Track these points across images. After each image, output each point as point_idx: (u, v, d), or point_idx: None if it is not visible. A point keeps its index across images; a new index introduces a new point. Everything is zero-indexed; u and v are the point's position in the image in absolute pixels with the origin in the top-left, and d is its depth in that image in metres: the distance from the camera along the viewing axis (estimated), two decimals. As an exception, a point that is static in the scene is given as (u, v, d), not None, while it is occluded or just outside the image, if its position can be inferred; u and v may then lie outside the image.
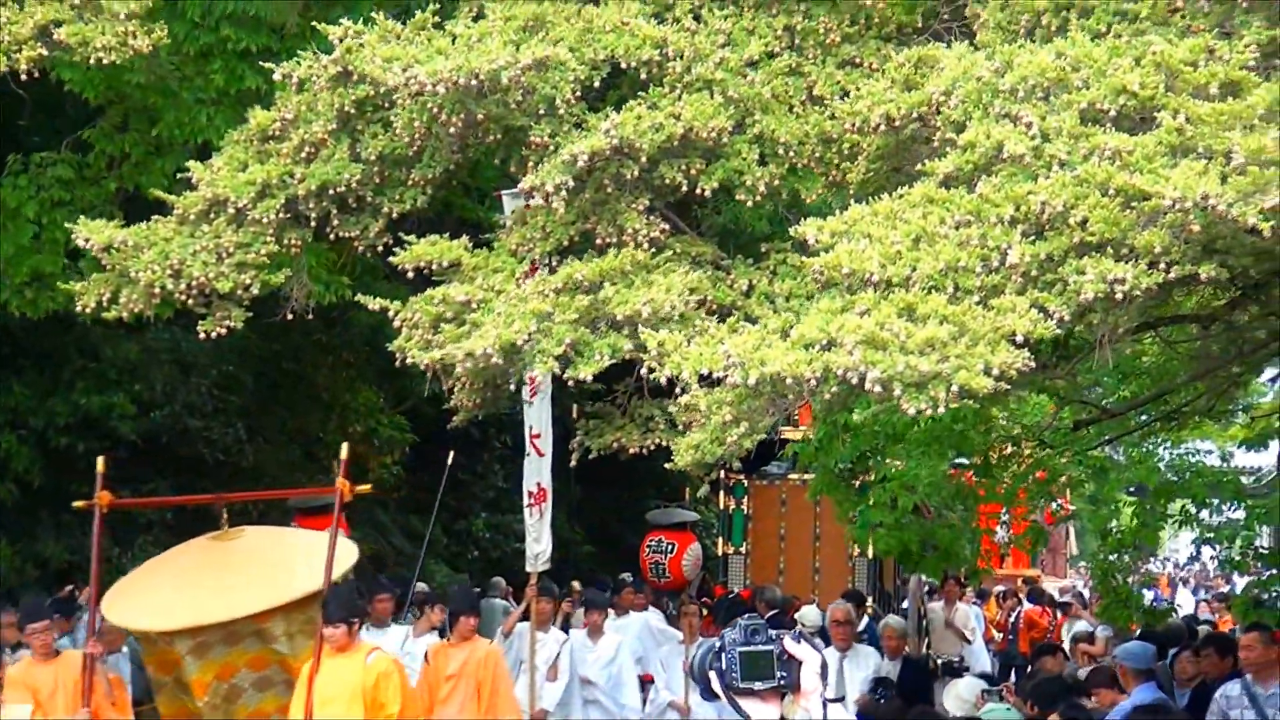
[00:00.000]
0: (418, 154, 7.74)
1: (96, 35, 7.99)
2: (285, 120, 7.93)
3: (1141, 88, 6.02)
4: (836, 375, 5.42)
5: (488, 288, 7.21)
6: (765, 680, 3.57)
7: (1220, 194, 5.34)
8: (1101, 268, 5.52)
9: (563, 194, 6.93)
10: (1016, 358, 5.43)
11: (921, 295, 5.68)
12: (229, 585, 9.84)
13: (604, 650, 13.99)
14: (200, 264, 7.62)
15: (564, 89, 7.17)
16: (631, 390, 8.09)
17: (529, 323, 6.73)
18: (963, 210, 6.00)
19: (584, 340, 6.79)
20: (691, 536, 14.05)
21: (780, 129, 7.24)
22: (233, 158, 8.05)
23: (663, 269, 7.05)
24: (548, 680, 13.34)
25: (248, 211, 7.70)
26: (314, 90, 7.73)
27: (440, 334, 7.17)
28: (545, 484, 13.03)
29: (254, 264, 7.71)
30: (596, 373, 6.75)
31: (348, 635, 9.45)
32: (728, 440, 6.17)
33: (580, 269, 6.99)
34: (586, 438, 8.35)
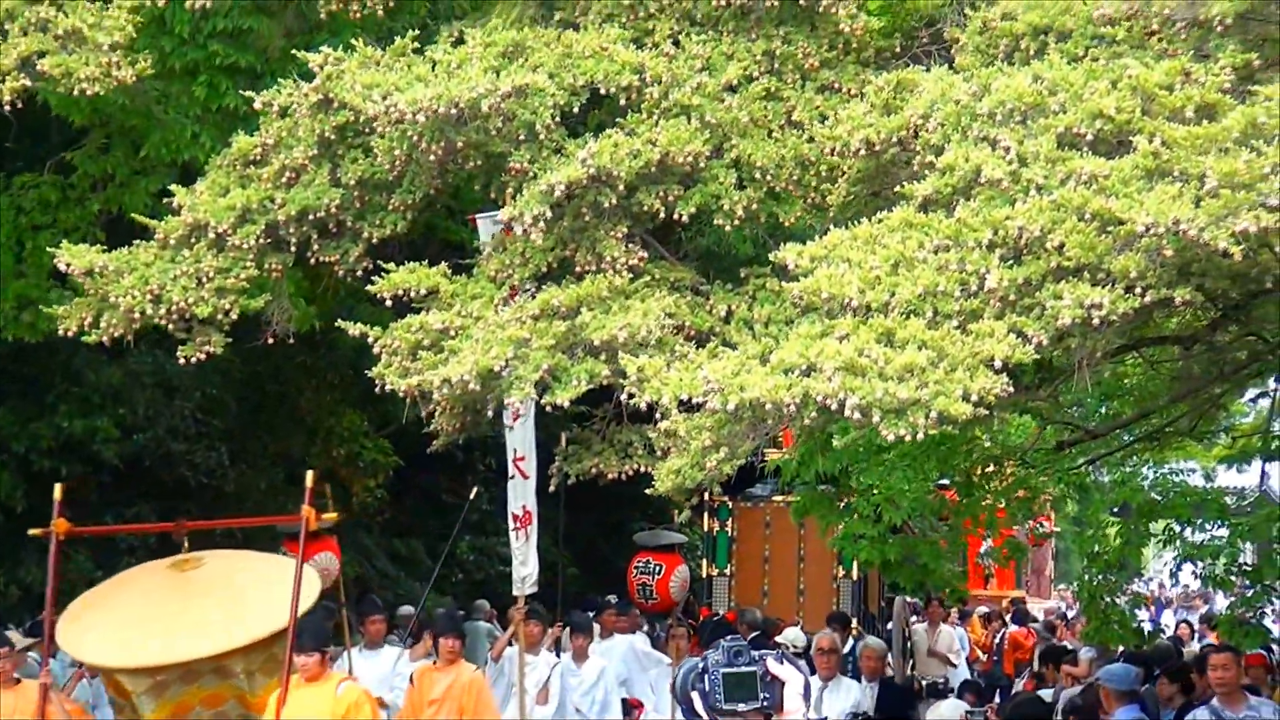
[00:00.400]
0: (398, 179, 7.76)
1: (80, 66, 7.96)
2: (266, 145, 7.95)
3: (1118, 112, 6.05)
4: (816, 401, 5.43)
5: (466, 314, 7.23)
6: (748, 701, 3.57)
7: (1193, 218, 5.37)
8: (1079, 293, 5.54)
9: (540, 225, 6.94)
10: (995, 383, 5.44)
11: (900, 320, 5.69)
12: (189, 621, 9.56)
13: (588, 675, 13.90)
14: (180, 289, 7.63)
15: (543, 115, 7.18)
16: (611, 416, 8.09)
17: (506, 349, 6.74)
18: (941, 235, 6.02)
19: (561, 366, 6.79)
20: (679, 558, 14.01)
21: (758, 153, 7.26)
22: (215, 182, 8.06)
23: (640, 294, 7.06)
24: (538, 704, 13.22)
25: (228, 237, 7.71)
26: (295, 117, 7.75)
27: (419, 360, 7.17)
28: (530, 507, 12.94)
29: (234, 289, 7.73)
30: (575, 398, 6.75)
31: (319, 665, 9.33)
32: (708, 465, 6.17)
33: (557, 295, 7.00)
34: (565, 463, 8.35)
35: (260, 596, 9.78)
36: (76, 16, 8.04)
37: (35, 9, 8.07)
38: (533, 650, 13.30)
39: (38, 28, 8.05)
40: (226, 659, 9.31)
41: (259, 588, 9.97)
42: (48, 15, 8.06)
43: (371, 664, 13.47)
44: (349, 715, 9.35)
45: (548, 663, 13.50)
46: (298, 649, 9.13)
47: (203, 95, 10.99)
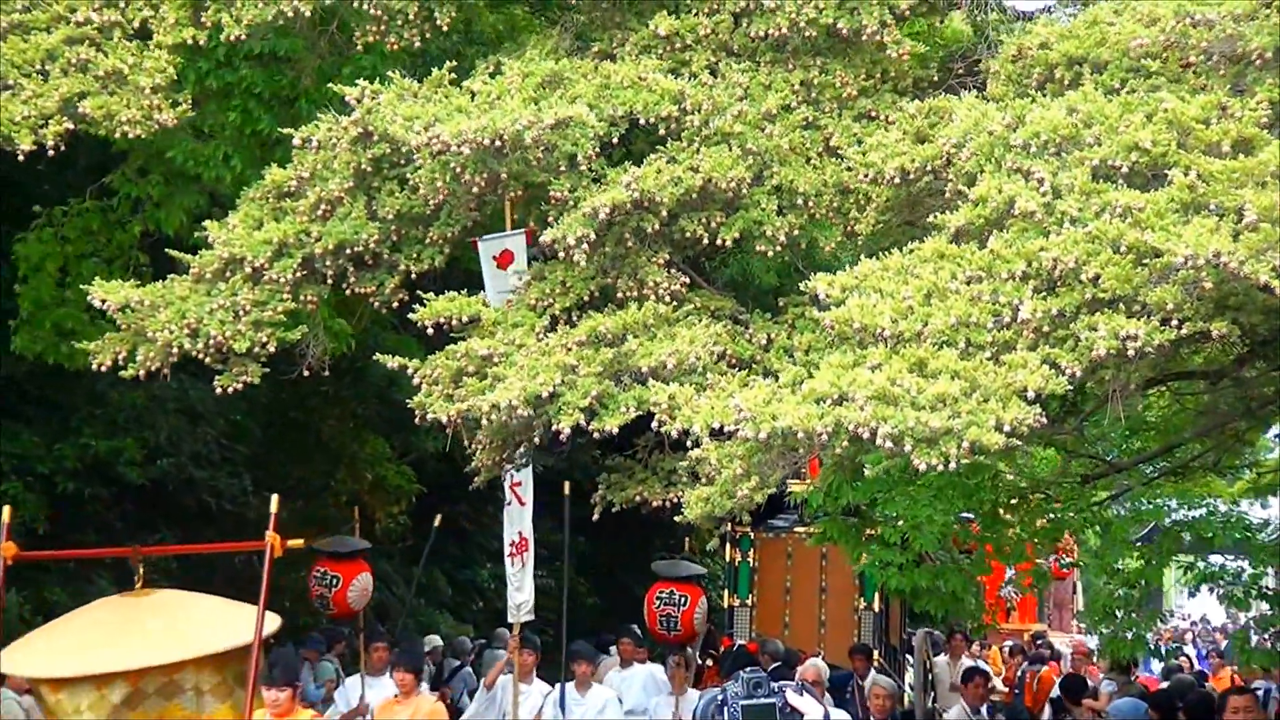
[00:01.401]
0: (435, 211, 7.76)
1: (121, 109, 7.99)
2: (301, 178, 7.96)
3: (1153, 144, 6.03)
4: (848, 430, 5.41)
5: (509, 342, 7.21)
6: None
7: (1232, 251, 5.35)
8: (1114, 324, 5.52)
9: (584, 247, 6.93)
10: (1028, 414, 5.42)
11: (932, 351, 5.68)
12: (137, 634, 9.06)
13: (593, 703, 13.65)
14: (217, 323, 7.65)
15: (584, 145, 7.18)
16: (652, 444, 8.08)
17: (554, 375, 6.74)
18: (974, 266, 6.00)
19: (608, 393, 6.79)
20: (700, 589, 13.91)
21: (799, 180, 7.28)
22: (248, 215, 8.07)
23: (684, 322, 7.06)
24: None
25: (264, 270, 7.71)
26: (333, 149, 7.77)
27: (462, 388, 7.16)
28: (526, 533, 12.94)
29: (270, 322, 7.74)
30: (621, 425, 6.74)
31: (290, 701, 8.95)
32: (738, 494, 6.16)
33: (604, 322, 7.01)
34: (609, 491, 8.33)
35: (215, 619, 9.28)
36: (116, 57, 8.08)
37: (76, 49, 8.07)
38: (525, 680, 13.20)
39: (78, 68, 8.05)
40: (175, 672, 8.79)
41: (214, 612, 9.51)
42: (88, 56, 8.07)
43: (375, 691, 13.26)
44: None
45: (541, 692, 13.37)
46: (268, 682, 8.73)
47: (238, 121, 11.03)
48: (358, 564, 13.50)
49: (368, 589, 13.40)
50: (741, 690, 3.64)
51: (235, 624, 9.03)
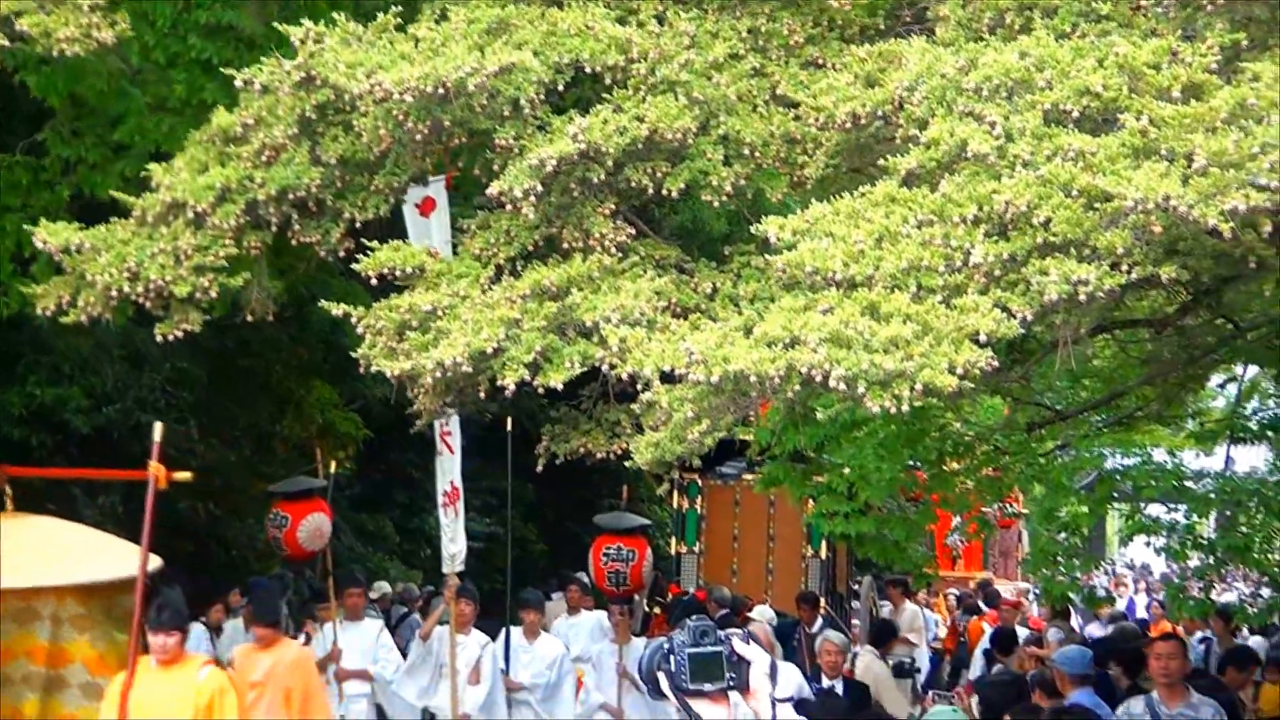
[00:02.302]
0: (381, 159, 7.68)
1: (59, 26, 7.88)
2: (246, 123, 7.85)
3: (1105, 89, 6.03)
4: (800, 373, 5.40)
5: (453, 294, 7.14)
6: (714, 682, 3.55)
7: (1182, 195, 5.36)
8: (1065, 268, 5.52)
9: (531, 199, 6.87)
10: (980, 357, 5.43)
11: (884, 294, 5.67)
12: None
13: (542, 652, 13.61)
14: (158, 267, 7.51)
15: (528, 91, 7.11)
16: (597, 395, 8.05)
17: (498, 330, 6.67)
18: (925, 209, 5.99)
19: (553, 347, 6.74)
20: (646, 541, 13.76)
21: (745, 130, 7.22)
22: (193, 159, 7.94)
23: (629, 274, 7.02)
24: (469, 684, 12.98)
25: (207, 215, 7.61)
26: (276, 94, 7.67)
27: (406, 341, 7.10)
28: (458, 482, 12.83)
29: (212, 267, 7.60)
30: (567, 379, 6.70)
31: (178, 647, 8.54)
32: (689, 437, 6.15)
33: (548, 275, 6.93)
34: (553, 442, 8.30)
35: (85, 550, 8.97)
36: (54, -26, 7.97)
37: (12, -32, 7.98)
38: (463, 630, 13.08)
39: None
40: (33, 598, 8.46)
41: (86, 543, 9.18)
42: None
43: (353, 636, 13.35)
44: (214, 704, 8.54)
45: (479, 643, 13.25)
46: (154, 626, 8.38)
47: (182, 92, 10.95)
48: (311, 504, 13.21)
49: (321, 529, 13.08)
50: (688, 638, 3.63)
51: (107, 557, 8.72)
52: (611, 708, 13.43)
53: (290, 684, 10.82)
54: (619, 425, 7.90)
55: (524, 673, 13.36)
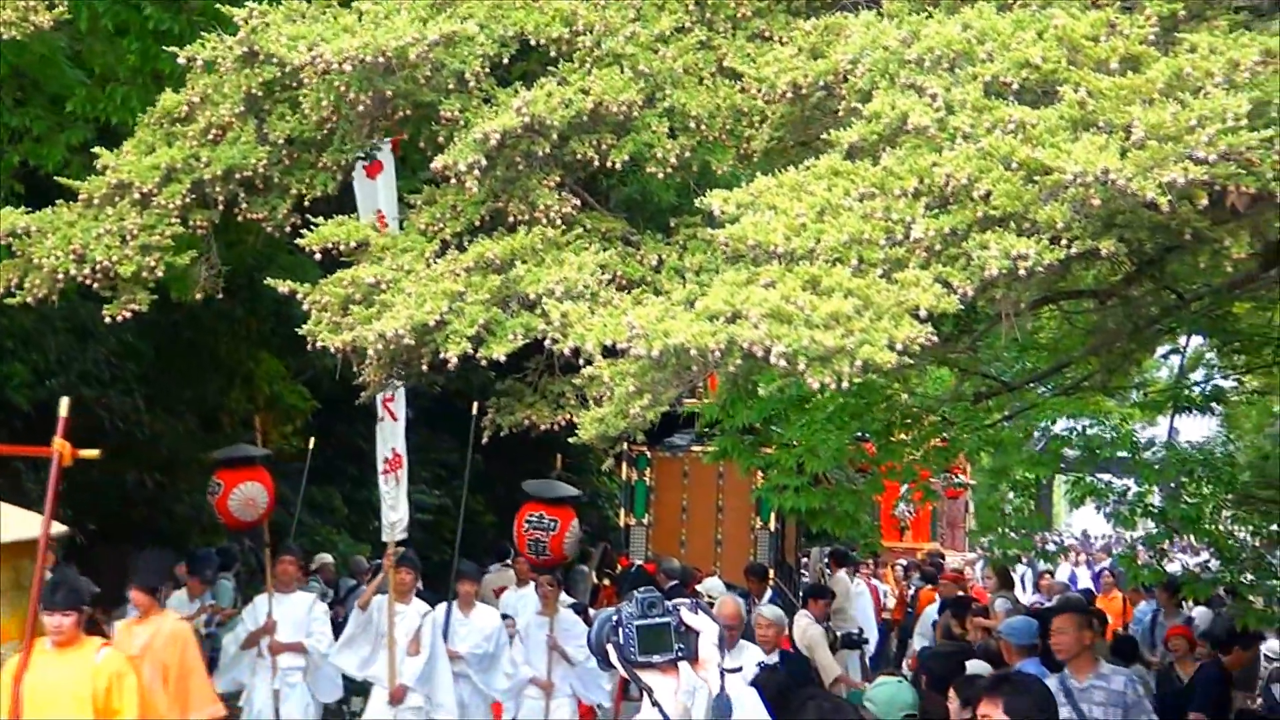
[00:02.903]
0: (327, 136, 7.64)
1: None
2: (193, 103, 7.80)
3: (1044, 61, 6.02)
4: (741, 348, 5.39)
5: (397, 268, 7.11)
6: (663, 653, 3.54)
7: (1121, 169, 5.36)
8: (1005, 243, 5.52)
9: (476, 173, 6.83)
10: (920, 332, 5.42)
11: (826, 268, 5.66)
12: None
13: (479, 624, 13.55)
14: (103, 248, 7.46)
15: (472, 63, 7.08)
16: (542, 368, 8.04)
17: (441, 303, 6.64)
18: (867, 182, 5.98)
19: (496, 320, 6.71)
20: (572, 512, 13.60)
21: (691, 103, 7.20)
22: (141, 141, 7.91)
23: (574, 246, 6.99)
24: (409, 654, 12.91)
25: (153, 196, 7.55)
26: (221, 72, 7.61)
27: (350, 315, 7.07)
28: (400, 450, 12.80)
29: (159, 246, 7.56)
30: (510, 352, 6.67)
31: (74, 628, 8.39)
32: (631, 412, 6.14)
33: (491, 247, 6.91)
34: (498, 415, 8.29)
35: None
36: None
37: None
38: (403, 600, 13.00)
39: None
40: None
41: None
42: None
43: (285, 608, 13.24)
44: (112, 688, 8.36)
45: (419, 612, 13.18)
46: (49, 606, 8.21)
47: (135, 61, 10.86)
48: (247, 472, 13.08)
49: (255, 499, 12.96)
50: (636, 610, 3.63)
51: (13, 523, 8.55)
52: (541, 680, 13.37)
53: (167, 658, 10.64)
54: (563, 397, 7.90)
55: (461, 644, 13.29)
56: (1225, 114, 5.39)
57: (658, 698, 3.51)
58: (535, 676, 13.41)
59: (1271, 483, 16.33)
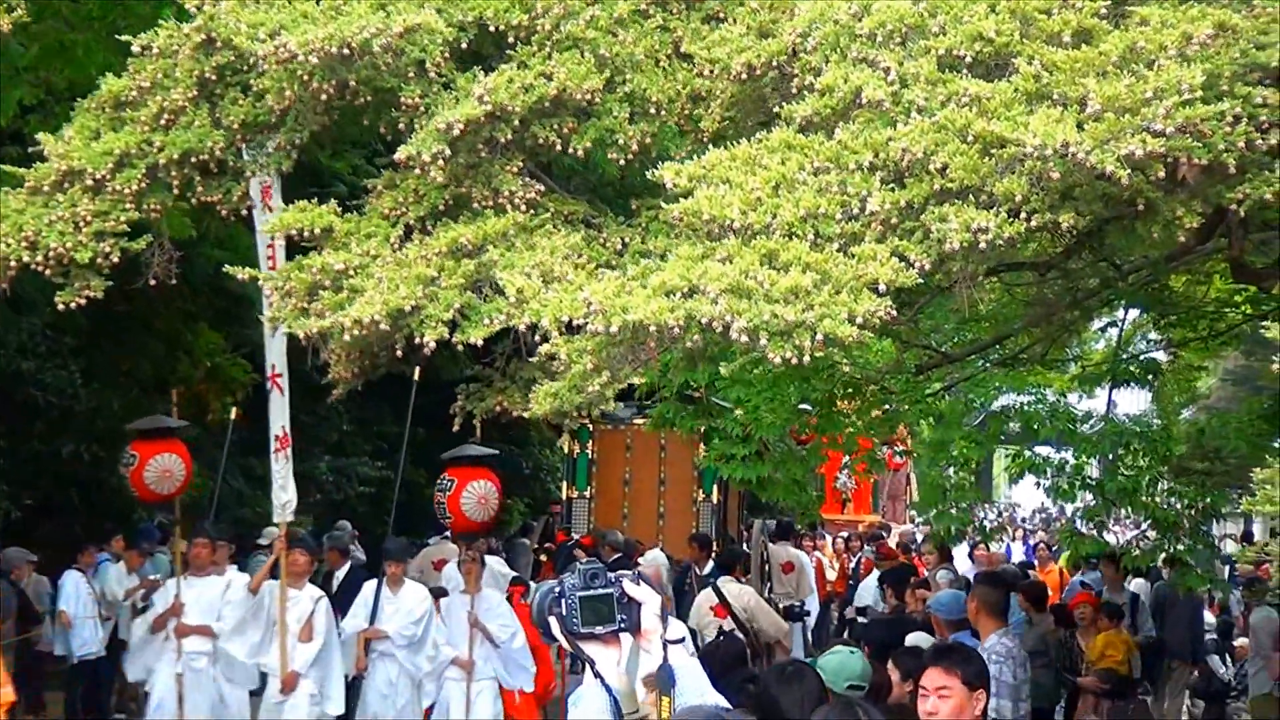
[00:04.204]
0: (281, 118, 7.56)
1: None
2: (141, 87, 7.69)
3: (997, 34, 6.04)
4: (700, 323, 5.38)
5: (364, 253, 7.04)
6: (606, 624, 3.53)
7: (1079, 141, 5.39)
8: (965, 216, 5.53)
9: (440, 162, 6.77)
10: (879, 305, 5.43)
11: (783, 242, 5.65)
12: None
13: (408, 604, 13.17)
14: (56, 234, 7.35)
15: (433, 52, 7.02)
16: (510, 352, 8.00)
17: (415, 288, 6.58)
18: (822, 157, 5.98)
19: (470, 304, 6.66)
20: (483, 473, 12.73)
21: (651, 87, 7.16)
22: (84, 126, 7.80)
23: (542, 231, 6.95)
24: (301, 641, 12.54)
25: (106, 182, 7.46)
26: (175, 58, 7.52)
27: (318, 302, 6.99)
28: (288, 428, 12.41)
29: (113, 232, 7.46)
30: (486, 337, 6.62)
31: None
32: (588, 389, 6.11)
33: (464, 232, 6.85)
34: (468, 401, 8.24)
35: None
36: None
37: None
38: (296, 583, 12.64)
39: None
40: None
41: None
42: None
43: (198, 590, 12.72)
44: None
45: (311, 596, 12.82)
46: None
47: (97, 11, 10.76)
48: (163, 444, 12.54)
49: (172, 471, 12.40)
50: (578, 581, 3.62)
51: None
52: (462, 660, 12.96)
53: None
54: (534, 382, 7.84)
55: (389, 624, 12.97)
56: (1180, 86, 5.42)
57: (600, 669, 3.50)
58: (457, 656, 12.99)
59: (1207, 454, 16.54)
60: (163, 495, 12.68)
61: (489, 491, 12.42)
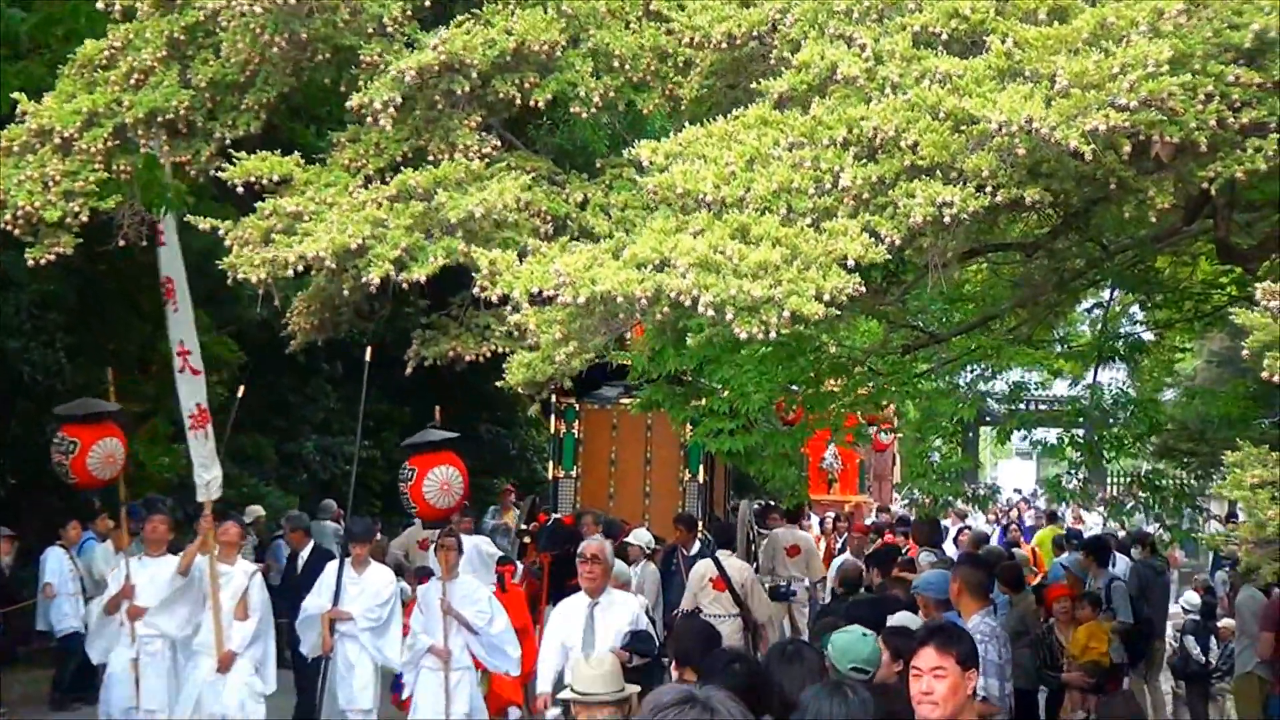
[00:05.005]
0: (250, 78, 7.56)
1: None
2: (114, 48, 7.70)
3: (973, 11, 6.07)
4: (669, 296, 5.40)
5: (320, 200, 7.05)
6: None
7: (1044, 117, 5.41)
8: (930, 191, 5.56)
9: (390, 111, 6.79)
10: (847, 283, 5.45)
11: (755, 217, 5.67)
12: None
13: (372, 585, 12.76)
14: (25, 194, 7.37)
15: (392, 7, 7.03)
16: (467, 301, 8.00)
17: (363, 228, 6.60)
18: (796, 132, 6.00)
19: (417, 245, 6.66)
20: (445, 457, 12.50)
21: (616, 43, 7.18)
22: (62, 91, 7.82)
23: (497, 177, 6.95)
24: (236, 619, 12.05)
25: (75, 141, 7.46)
26: (142, 18, 7.51)
27: (271, 247, 7.00)
28: (204, 404, 11.97)
29: (82, 192, 7.46)
30: (430, 276, 6.62)
31: None
32: (558, 359, 6.14)
33: (414, 177, 6.87)
34: (422, 346, 8.24)
35: None
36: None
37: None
38: (227, 560, 12.22)
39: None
40: None
41: None
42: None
43: (152, 571, 12.26)
44: None
45: (245, 572, 12.35)
46: None
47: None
48: (102, 428, 12.12)
49: (114, 455, 12.02)
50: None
51: None
52: (438, 649, 12.30)
53: None
54: (488, 330, 7.85)
55: (353, 605, 12.58)
56: (1146, 61, 5.44)
57: None
58: (433, 645, 12.32)
59: (1192, 435, 16.59)
60: (104, 480, 12.31)
61: (451, 476, 11.99)
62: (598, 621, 10.26)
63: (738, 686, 6.44)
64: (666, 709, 3.61)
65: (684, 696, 3.64)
